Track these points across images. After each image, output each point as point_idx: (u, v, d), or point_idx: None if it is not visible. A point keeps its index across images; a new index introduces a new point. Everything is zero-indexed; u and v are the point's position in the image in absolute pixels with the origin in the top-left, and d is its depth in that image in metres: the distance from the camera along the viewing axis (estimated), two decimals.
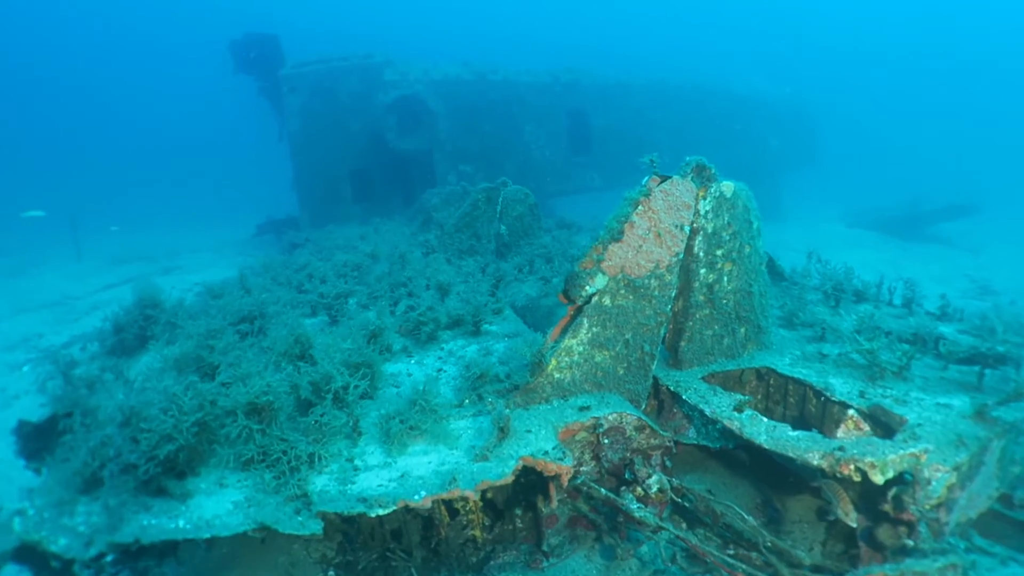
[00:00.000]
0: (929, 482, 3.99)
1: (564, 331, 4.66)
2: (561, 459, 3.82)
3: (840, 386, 4.98)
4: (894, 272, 19.53)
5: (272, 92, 20.82)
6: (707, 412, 4.61)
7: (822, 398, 5.03)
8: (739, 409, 4.55)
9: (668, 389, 5.09)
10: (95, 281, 21.36)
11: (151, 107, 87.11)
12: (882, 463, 3.72)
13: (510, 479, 3.54)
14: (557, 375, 4.57)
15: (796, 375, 5.17)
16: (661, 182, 4.65)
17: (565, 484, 3.89)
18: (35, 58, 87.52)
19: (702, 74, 26.49)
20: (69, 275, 22.54)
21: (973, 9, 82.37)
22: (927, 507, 4.04)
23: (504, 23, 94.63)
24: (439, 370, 5.38)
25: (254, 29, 20.67)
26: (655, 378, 5.11)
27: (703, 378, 5.16)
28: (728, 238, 5.03)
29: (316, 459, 3.78)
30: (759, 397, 5.67)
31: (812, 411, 5.27)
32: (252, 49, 20.12)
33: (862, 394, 4.87)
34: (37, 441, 4.92)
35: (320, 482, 3.69)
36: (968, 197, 26.43)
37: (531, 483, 4.25)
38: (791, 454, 3.97)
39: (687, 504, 4.79)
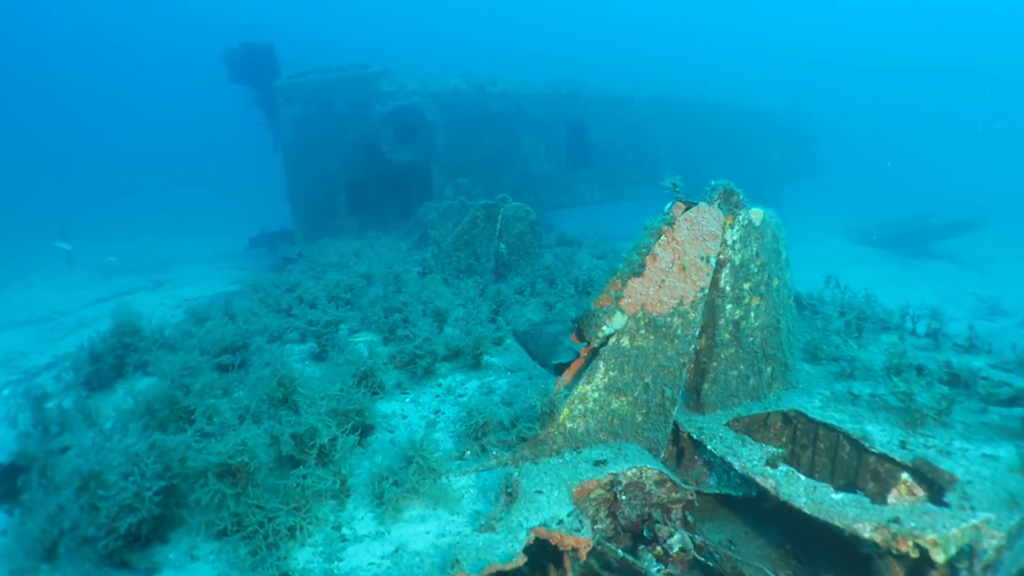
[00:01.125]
0: (985, 550, 3.56)
1: (577, 375, 4.19)
2: (578, 530, 3.34)
3: (878, 434, 4.54)
4: (901, 291, 19.22)
5: (267, 102, 20.47)
6: (736, 467, 4.14)
7: (857, 446, 4.59)
8: (772, 464, 4.08)
9: (690, 436, 4.62)
10: (84, 295, 20.85)
11: (147, 114, 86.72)
12: (944, 540, 3.26)
13: (521, 560, 3.07)
14: (570, 424, 4.08)
15: (829, 420, 4.72)
16: (686, 209, 4.18)
17: (583, 558, 3.41)
18: (28, 64, 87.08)
19: (703, 87, 26.18)
20: (59, 288, 22.03)
21: (972, 22, 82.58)
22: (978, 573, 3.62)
23: (505, 37, 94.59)
24: (436, 412, 4.90)
25: (250, 38, 20.35)
26: (675, 423, 4.65)
27: (728, 424, 4.70)
28: (756, 270, 4.58)
29: (298, 530, 3.29)
30: (784, 440, 5.23)
31: (845, 458, 4.82)
32: (247, 58, 19.76)
33: (903, 444, 4.43)
34: (7, 482, 4.51)
35: (303, 557, 3.20)
36: (972, 213, 26.12)
37: (542, 549, 3.79)
38: (837, 523, 3.50)
39: (710, 563, 4.33)
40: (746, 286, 4.56)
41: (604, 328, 4.01)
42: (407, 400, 5.18)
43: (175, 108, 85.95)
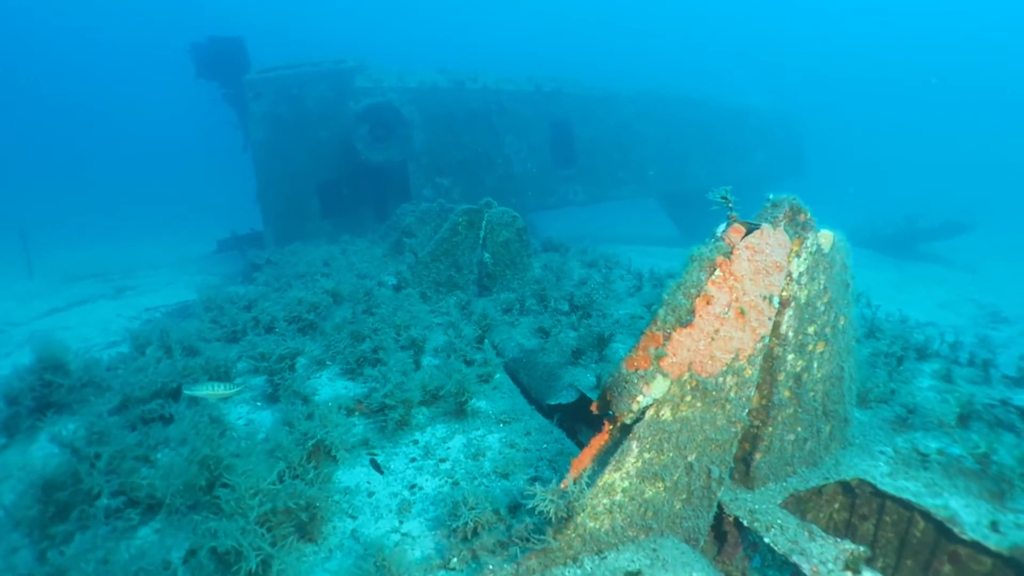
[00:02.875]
0: None
1: (598, 458, 3.16)
2: None
3: (964, 512, 3.60)
4: (900, 296, 18.44)
5: (236, 99, 19.31)
6: (805, 571, 3.14)
7: (938, 526, 3.66)
8: (853, 568, 3.10)
9: (736, 520, 3.62)
10: (40, 304, 19.55)
11: (115, 112, 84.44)
12: None
13: None
14: (591, 524, 3.03)
15: (904, 495, 3.77)
16: (746, 234, 3.14)
17: None
18: None
19: (689, 85, 25.33)
20: (14, 295, 20.73)
21: (965, 24, 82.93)
22: None
23: (485, 36, 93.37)
24: (412, 486, 3.86)
25: (219, 32, 19.21)
26: (719, 504, 3.64)
27: (783, 502, 3.71)
28: (823, 309, 3.57)
29: None
30: (838, 507, 4.28)
31: (918, 536, 3.88)
32: (215, 53, 18.60)
33: (994, 526, 3.51)
34: None
35: None
36: (962, 215, 25.69)
37: None
38: None
39: None
40: (811, 329, 3.55)
41: (640, 399, 2.95)
42: None
43: (143, 105, 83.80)
